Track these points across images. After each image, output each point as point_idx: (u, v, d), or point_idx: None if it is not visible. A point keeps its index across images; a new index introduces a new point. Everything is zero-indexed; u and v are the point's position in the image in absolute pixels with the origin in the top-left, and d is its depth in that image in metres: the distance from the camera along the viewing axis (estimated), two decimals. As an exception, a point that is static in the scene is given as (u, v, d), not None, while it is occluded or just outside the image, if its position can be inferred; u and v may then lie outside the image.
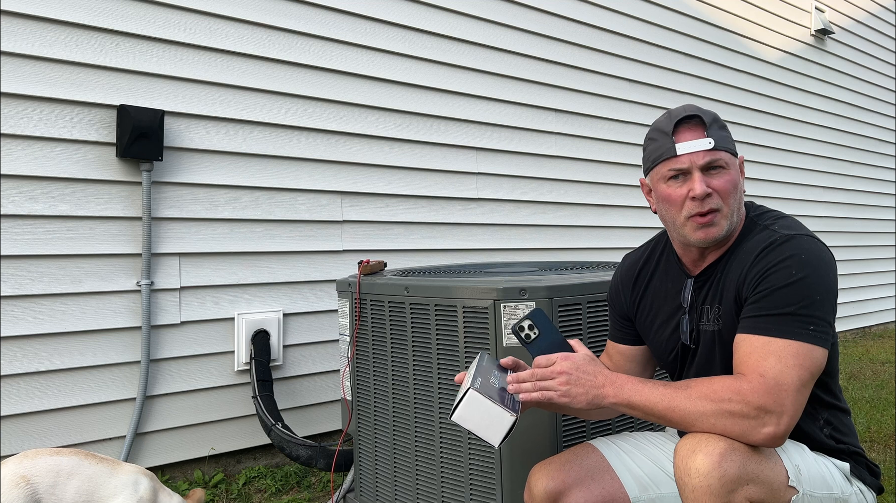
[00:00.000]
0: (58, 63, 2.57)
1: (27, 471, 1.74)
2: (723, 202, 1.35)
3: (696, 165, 1.35)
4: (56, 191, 2.57)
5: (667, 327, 1.52)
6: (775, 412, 1.20)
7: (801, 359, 1.23)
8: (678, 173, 1.37)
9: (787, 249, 1.30)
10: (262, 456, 3.07)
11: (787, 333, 1.24)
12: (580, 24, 4.34)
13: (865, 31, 6.92)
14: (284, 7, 3.11)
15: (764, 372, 1.22)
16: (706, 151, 1.35)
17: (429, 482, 2.02)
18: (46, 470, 1.77)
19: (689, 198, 1.35)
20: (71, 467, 1.80)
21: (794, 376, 1.22)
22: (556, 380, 1.32)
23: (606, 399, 1.30)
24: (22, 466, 1.75)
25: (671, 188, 1.38)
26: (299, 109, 3.17)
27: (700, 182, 1.33)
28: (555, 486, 1.48)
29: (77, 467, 1.81)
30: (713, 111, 1.41)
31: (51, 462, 1.78)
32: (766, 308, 1.28)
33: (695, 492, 1.19)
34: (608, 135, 4.51)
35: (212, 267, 2.92)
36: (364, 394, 2.27)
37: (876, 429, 3.37)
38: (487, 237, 3.87)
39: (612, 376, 1.33)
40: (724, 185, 1.35)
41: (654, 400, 1.27)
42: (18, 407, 2.50)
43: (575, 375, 1.32)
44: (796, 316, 1.25)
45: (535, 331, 1.43)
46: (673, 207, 1.39)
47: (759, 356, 1.24)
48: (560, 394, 1.32)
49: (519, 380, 1.35)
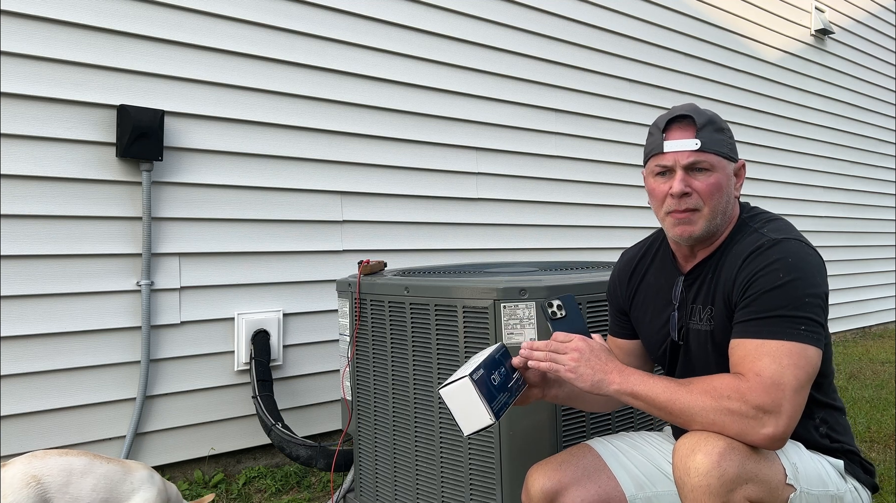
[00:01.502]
0: (58, 63, 2.57)
1: (38, 471, 1.75)
2: (703, 203, 1.39)
3: (679, 164, 1.39)
4: (56, 191, 2.57)
5: (657, 321, 1.54)
6: (773, 412, 1.20)
7: (795, 359, 1.24)
8: (664, 170, 1.41)
9: (774, 253, 1.32)
10: (262, 456, 3.07)
11: (778, 334, 1.26)
12: (580, 24, 4.34)
13: (865, 31, 6.92)
14: (284, 7, 3.12)
15: (760, 371, 1.23)
16: (691, 152, 1.38)
17: (429, 482, 2.02)
18: (58, 469, 1.77)
19: (669, 194, 1.40)
20: (83, 466, 1.81)
21: (790, 376, 1.22)
22: (567, 355, 1.36)
23: (611, 385, 1.33)
24: (32, 466, 1.75)
25: (656, 183, 1.43)
26: (299, 109, 3.17)
27: (680, 181, 1.38)
28: (552, 486, 1.48)
29: (89, 466, 1.83)
30: (714, 114, 1.42)
31: (62, 462, 1.79)
32: (755, 311, 1.30)
33: (694, 492, 1.20)
34: (608, 135, 4.51)
35: (212, 267, 2.92)
36: (364, 394, 2.27)
37: (876, 429, 3.37)
38: (487, 237, 3.87)
39: (620, 366, 1.36)
40: (706, 187, 1.38)
41: (656, 391, 1.29)
42: (18, 407, 2.50)
43: (587, 356, 1.35)
44: (786, 317, 1.27)
45: (563, 312, 1.48)
46: (656, 201, 1.45)
47: (754, 358, 1.26)
48: (567, 370, 1.35)
49: (533, 348, 1.39)
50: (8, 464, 1.76)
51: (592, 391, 1.34)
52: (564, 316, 1.47)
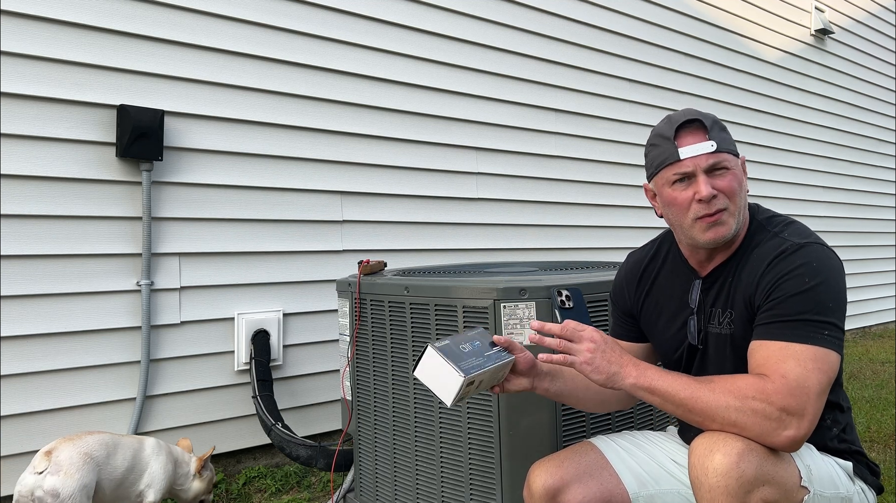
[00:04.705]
0: (58, 63, 2.57)
1: (87, 449, 1.98)
2: (729, 201, 1.38)
3: (700, 168, 1.37)
4: (56, 191, 2.57)
5: (672, 325, 1.53)
6: (797, 415, 1.20)
7: (819, 363, 1.24)
8: (683, 177, 1.39)
9: (800, 257, 1.32)
10: (262, 456, 3.07)
11: (803, 338, 1.25)
12: (580, 24, 4.34)
13: (865, 31, 6.92)
14: (284, 7, 3.12)
15: (785, 373, 1.23)
16: (709, 154, 1.37)
17: (429, 482, 2.02)
18: (99, 445, 2.03)
19: (696, 200, 1.37)
20: (112, 442, 2.08)
21: (815, 380, 1.22)
22: (583, 344, 1.33)
23: (628, 378, 1.30)
24: (79, 445, 1.97)
25: (676, 192, 1.40)
26: (299, 109, 3.17)
27: (705, 184, 1.35)
28: (553, 483, 1.48)
29: (115, 441, 2.10)
30: (712, 113, 1.43)
31: (97, 439, 2.04)
32: (780, 314, 1.29)
33: (712, 492, 1.20)
34: (608, 135, 4.51)
35: (212, 267, 2.92)
36: (364, 393, 2.27)
37: (876, 429, 3.37)
38: (487, 237, 3.87)
39: (636, 360, 1.34)
40: (729, 185, 1.37)
41: (677, 387, 1.27)
42: (18, 407, 2.50)
43: (602, 347, 1.33)
44: (811, 322, 1.26)
45: (571, 303, 1.47)
46: (679, 211, 1.40)
47: (778, 359, 1.25)
48: (584, 361, 1.32)
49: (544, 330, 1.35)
50: (55, 449, 1.94)
51: (606, 385, 1.32)
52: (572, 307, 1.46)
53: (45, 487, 1.85)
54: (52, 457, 1.91)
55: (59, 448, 1.94)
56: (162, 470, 2.18)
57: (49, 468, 1.88)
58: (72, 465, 1.90)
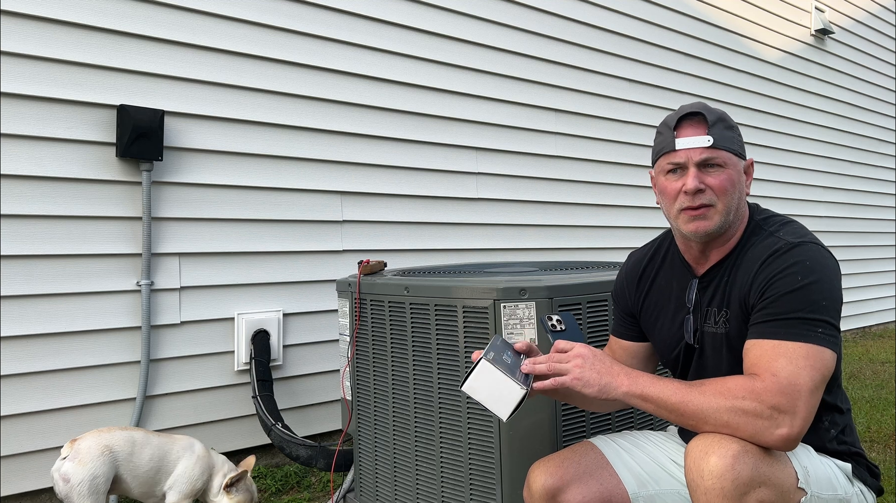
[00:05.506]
0: (58, 63, 2.57)
1: (109, 442, 2.05)
2: (717, 199, 1.38)
3: (692, 161, 1.38)
4: (56, 191, 2.57)
5: (671, 325, 1.54)
6: (789, 413, 1.20)
7: (811, 361, 1.23)
8: (676, 167, 1.41)
9: (793, 256, 1.32)
10: (262, 456, 3.07)
11: (796, 336, 1.25)
12: (580, 24, 4.34)
13: (865, 31, 6.92)
14: (284, 7, 3.12)
15: (776, 372, 1.23)
16: (704, 149, 1.38)
17: (429, 482, 2.02)
18: (124, 440, 2.08)
19: (682, 191, 1.39)
20: (142, 439, 2.13)
21: (806, 377, 1.22)
22: (571, 362, 1.34)
23: (620, 388, 1.30)
24: (103, 437, 2.05)
25: (668, 181, 1.42)
26: (299, 109, 3.17)
27: (693, 178, 1.37)
28: (553, 483, 1.48)
29: (146, 438, 2.15)
30: (723, 112, 1.44)
31: (125, 435, 2.10)
32: (773, 314, 1.29)
33: (707, 495, 1.19)
34: (608, 135, 4.51)
35: (212, 267, 2.92)
36: (364, 394, 2.27)
37: (876, 429, 3.37)
38: (487, 237, 3.87)
39: (627, 369, 1.34)
40: (720, 183, 1.38)
41: (667, 393, 1.27)
42: (18, 407, 2.50)
43: (591, 361, 1.33)
44: (804, 320, 1.26)
45: (562, 326, 1.49)
46: (668, 199, 1.43)
47: (770, 358, 1.25)
48: (573, 377, 1.32)
49: (535, 362, 1.36)
50: (79, 438, 2.04)
51: (600, 396, 1.31)
52: (564, 330, 1.47)
53: (62, 471, 1.98)
54: (74, 445, 2.02)
55: (84, 438, 2.04)
56: (186, 473, 2.17)
57: (70, 455, 2.00)
58: (87, 455, 1.99)
